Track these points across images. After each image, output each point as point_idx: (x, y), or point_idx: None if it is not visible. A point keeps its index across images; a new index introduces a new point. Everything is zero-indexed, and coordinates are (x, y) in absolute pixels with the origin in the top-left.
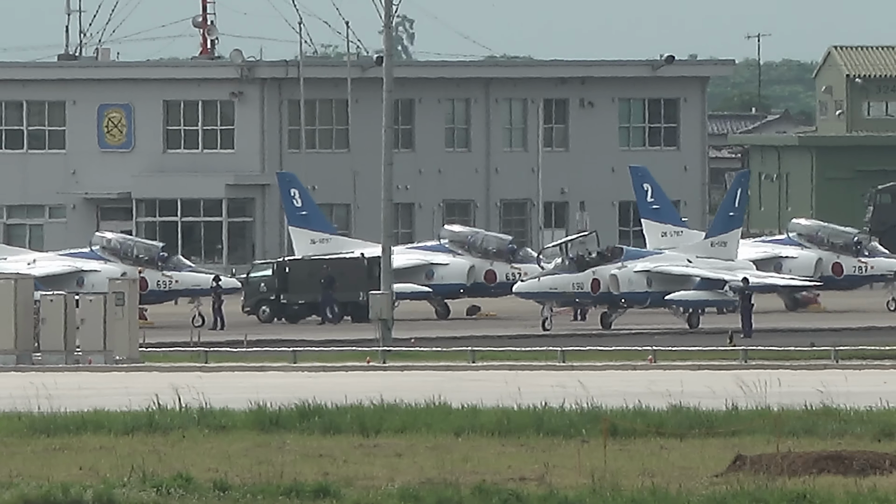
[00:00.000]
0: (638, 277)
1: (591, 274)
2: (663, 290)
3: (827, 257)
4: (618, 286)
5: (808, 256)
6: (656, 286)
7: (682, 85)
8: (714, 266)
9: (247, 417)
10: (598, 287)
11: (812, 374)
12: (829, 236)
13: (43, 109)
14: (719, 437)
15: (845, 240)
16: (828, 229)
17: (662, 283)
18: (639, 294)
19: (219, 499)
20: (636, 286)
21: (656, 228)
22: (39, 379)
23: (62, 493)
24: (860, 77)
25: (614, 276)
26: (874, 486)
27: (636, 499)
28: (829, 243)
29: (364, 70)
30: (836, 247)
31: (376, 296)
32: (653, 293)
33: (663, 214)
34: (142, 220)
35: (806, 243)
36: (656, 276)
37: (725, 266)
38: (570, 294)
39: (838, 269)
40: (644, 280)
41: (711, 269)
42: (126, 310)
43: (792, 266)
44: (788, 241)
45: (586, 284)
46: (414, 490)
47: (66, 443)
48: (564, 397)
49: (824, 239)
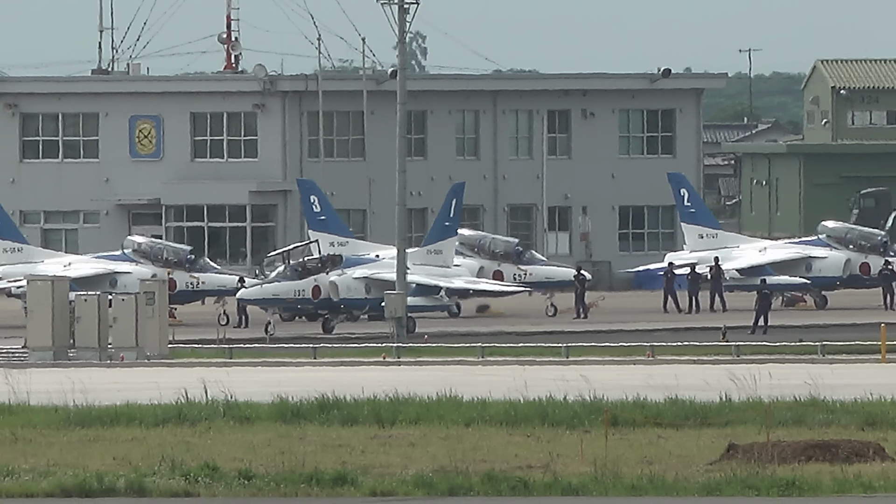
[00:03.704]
0: (357, 284)
1: (313, 281)
2: (381, 296)
3: (855, 258)
4: (337, 293)
5: (837, 257)
6: (375, 292)
7: (678, 97)
8: (430, 273)
9: (270, 410)
10: (318, 293)
11: (800, 367)
12: (858, 238)
13: (78, 121)
14: (713, 428)
15: (873, 241)
16: (856, 231)
17: (381, 289)
18: (358, 300)
19: (244, 487)
20: (355, 292)
21: (694, 231)
22: (75, 374)
23: (96, 482)
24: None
25: (334, 282)
26: (859, 473)
27: (636, 485)
28: (857, 244)
29: (379, 83)
30: (863, 248)
31: (391, 295)
32: (371, 299)
33: (700, 217)
34: (170, 225)
35: (835, 244)
36: (374, 282)
37: (441, 273)
38: (293, 300)
39: (866, 269)
40: (363, 286)
41: (427, 275)
42: (156, 309)
43: (822, 266)
44: (818, 243)
45: (307, 291)
46: (427, 478)
47: (100, 434)
48: (568, 390)
49: (853, 240)
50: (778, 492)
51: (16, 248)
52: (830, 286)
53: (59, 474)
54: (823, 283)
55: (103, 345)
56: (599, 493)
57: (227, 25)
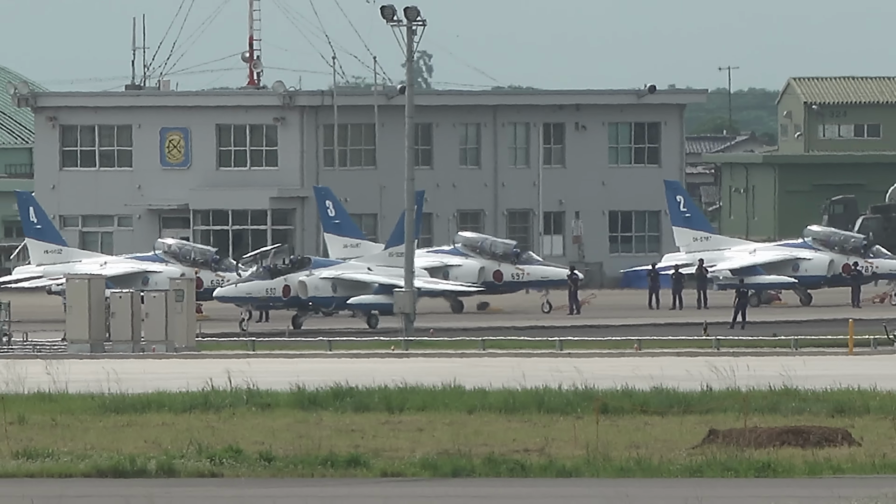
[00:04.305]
0: (324, 283)
1: (283, 280)
2: (346, 294)
3: (838, 259)
4: (306, 291)
5: (822, 258)
6: (340, 291)
7: (663, 111)
8: (391, 273)
9: (288, 397)
10: (288, 292)
11: (775, 360)
12: (841, 241)
13: (112, 132)
14: (695, 415)
15: (855, 244)
16: (839, 234)
17: (346, 288)
18: (325, 298)
19: (264, 468)
20: (322, 291)
21: (687, 234)
22: (110, 365)
23: (129, 463)
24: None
25: (303, 282)
26: (829, 457)
27: (624, 467)
28: (840, 247)
29: (389, 98)
30: (846, 250)
31: (400, 293)
32: (337, 297)
33: (693, 222)
34: (198, 228)
35: (820, 247)
36: (340, 282)
37: (401, 274)
38: (264, 298)
39: (848, 269)
40: (329, 286)
41: (388, 276)
42: (184, 305)
43: (808, 266)
44: (804, 245)
45: (278, 290)
46: (432, 460)
47: (133, 420)
48: (562, 380)
49: (836, 243)
50: (754, 473)
51: (56, 250)
52: (816, 285)
53: (95, 456)
54: (809, 282)
55: (136, 338)
56: (591, 474)
57: (249, 45)
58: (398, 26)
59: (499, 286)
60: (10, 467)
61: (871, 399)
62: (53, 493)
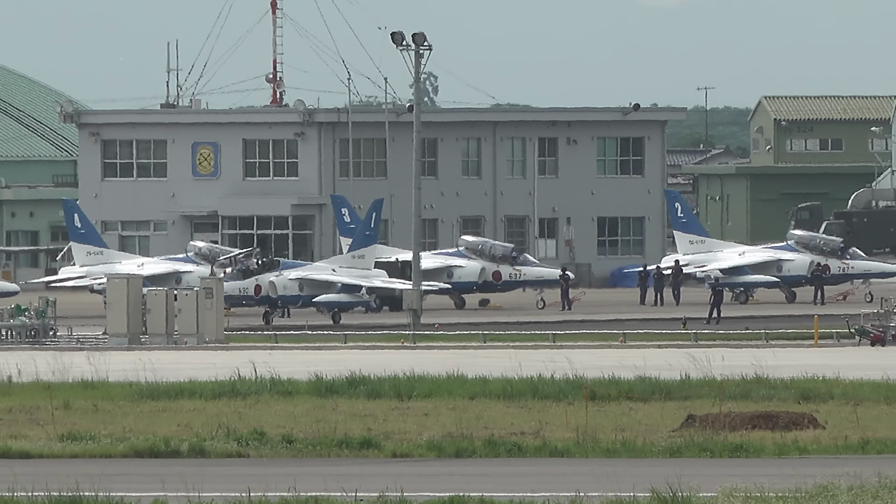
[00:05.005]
0: (292, 283)
1: (255, 280)
2: (313, 293)
3: (818, 260)
4: (275, 291)
5: (803, 259)
6: (307, 291)
7: (646, 127)
8: (353, 274)
9: (308, 385)
10: (259, 291)
11: (747, 351)
12: (821, 244)
13: (149, 146)
14: (675, 401)
15: (833, 247)
16: (818, 238)
17: (312, 288)
18: (293, 297)
19: (286, 449)
20: (290, 291)
21: (685, 238)
22: (146, 356)
23: (164, 445)
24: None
25: (272, 282)
26: (796, 439)
27: (610, 448)
28: (820, 249)
29: (398, 116)
30: (825, 252)
31: (408, 291)
32: (304, 296)
33: (690, 227)
34: (226, 233)
35: (801, 249)
36: (307, 282)
37: (362, 274)
38: (238, 297)
39: (826, 270)
40: (297, 286)
41: (351, 276)
42: (214, 302)
43: (790, 267)
44: (787, 248)
45: (250, 289)
46: (437, 442)
47: (167, 406)
48: (554, 370)
49: (816, 246)
50: (728, 454)
51: (97, 252)
52: (797, 283)
53: (132, 439)
54: (792, 281)
55: (170, 331)
56: (581, 454)
57: (273, 67)
58: (407, 51)
59: (498, 285)
60: (56, 448)
61: (834, 387)
62: (95, 471)
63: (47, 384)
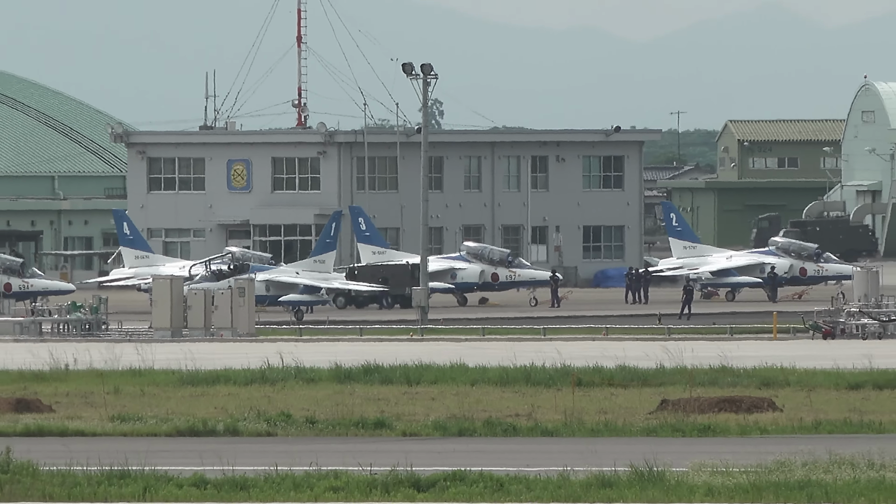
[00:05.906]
0: (260, 285)
1: (227, 283)
2: (278, 293)
3: (796, 263)
4: None
5: (783, 263)
6: (273, 291)
7: (626, 146)
8: (314, 277)
9: (328, 373)
10: None
11: (714, 344)
12: (799, 249)
13: (189, 163)
14: (651, 387)
15: (809, 251)
16: (797, 244)
17: (278, 288)
18: (261, 296)
19: (309, 429)
20: (258, 291)
21: (679, 244)
22: (187, 347)
23: (202, 425)
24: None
25: None
26: (757, 421)
27: (594, 429)
28: (798, 254)
29: (408, 136)
30: (802, 256)
31: (417, 290)
32: (270, 296)
33: (683, 234)
34: (257, 239)
35: (782, 253)
36: (273, 283)
37: (322, 277)
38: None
39: (804, 272)
40: (264, 287)
41: (312, 279)
42: (246, 299)
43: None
44: (770, 252)
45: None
46: (443, 422)
47: (205, 391)
48: (545, 359)
49: (795, 250)
50: (698, 434)
51: (144, 256)
52: (779, 284)
53: (175, 420)
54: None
55: (208, 325)
56: (568, 434)
57: (298, 93)
58: (416, 79)
59: (496, 285)
60: (107, 428)
61: (790, 375)
62: (141, 448)
63: (100, 372)
